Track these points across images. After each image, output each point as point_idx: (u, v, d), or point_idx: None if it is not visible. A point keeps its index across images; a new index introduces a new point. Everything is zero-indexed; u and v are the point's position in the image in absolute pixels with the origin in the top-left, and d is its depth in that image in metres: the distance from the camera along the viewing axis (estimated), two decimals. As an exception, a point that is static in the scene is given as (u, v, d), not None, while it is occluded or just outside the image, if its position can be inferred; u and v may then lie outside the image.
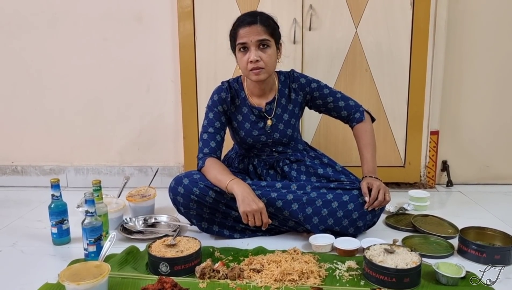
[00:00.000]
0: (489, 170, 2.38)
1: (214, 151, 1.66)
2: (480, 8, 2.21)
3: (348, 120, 1.80)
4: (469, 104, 2.32)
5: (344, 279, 1.34)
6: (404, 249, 1.38)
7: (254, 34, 1.58)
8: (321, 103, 1.78)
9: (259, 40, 1.59)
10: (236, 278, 1.33)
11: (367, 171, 1.69)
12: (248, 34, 1.59)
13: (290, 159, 1.78)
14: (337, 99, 1.77)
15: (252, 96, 1.75)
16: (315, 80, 1.78)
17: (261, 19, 1.61)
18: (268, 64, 1.62)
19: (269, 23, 1.62)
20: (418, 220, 1.79)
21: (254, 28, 1.59)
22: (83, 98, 2.38)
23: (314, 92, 1.76)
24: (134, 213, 1.89)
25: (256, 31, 1.58)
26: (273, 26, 1.64)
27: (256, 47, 1.59)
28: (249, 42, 1.59)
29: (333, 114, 1.80)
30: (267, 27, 1.61)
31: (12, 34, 2.33)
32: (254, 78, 1.63)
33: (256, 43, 1.59)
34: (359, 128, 1.77)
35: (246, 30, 1.59)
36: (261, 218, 1.50)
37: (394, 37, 2.14)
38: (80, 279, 1.20)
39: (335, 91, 1.79)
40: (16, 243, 1.68)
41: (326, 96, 1.77)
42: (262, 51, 1.60)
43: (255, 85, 1.71)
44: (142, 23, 2.28)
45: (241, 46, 1.61)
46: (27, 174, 2.47)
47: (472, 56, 2.26)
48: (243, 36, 1.60)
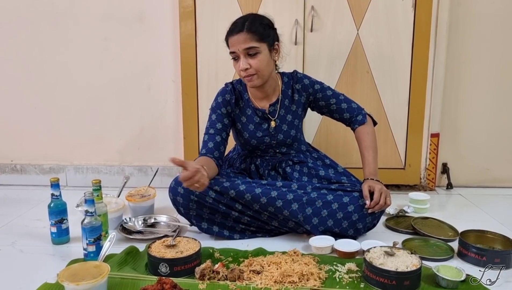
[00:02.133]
0: (489, 173, 2.38)
1: (211, 152, 1.65)
2: (481, 11, 2.20)
3: (350, 122, 1.80)
4: (469, 107, 2.32)
5: (344, 281, 1.34)
6: (404, 252, 1.38)
7: (241, 43, 1.58)
8: (324, 104, 1.78)
9: (246, 48, 1.58)
10: (236, 279, 1.33)
11: (368, 173, 1.69)
12: (236, 43, 1.59)
13: (293, 160, 1.78)
14: (340, 101, 1.77)
15: (256, 98, 1.75)
16: (318, 81, 1.78)
17: (249, 26, 1.58)
18: (260, 70, 1.61)
19: (257, 28, 1.59)
20: (418, 223, 1.79)
21: (241, 36, 1.58)
22: (84, 97, 2.37)
23: (318, 93, 1.76)
24: (133, 213, 1.88)
25: (243, 39, 1.58)
26: (262, 30, 1.61)
27: (245, 55, 1.59)
28: (237, 51, 1.60)
29: (335, 116, 1.80)
30: (254, 33, 1.58)
31: (13, 33, 2.32)
32: (249, 84, 1.66)
33: (243, 51, 1.59)
34: (361, 130, 1.77)
35: (234, 39, 1.60)
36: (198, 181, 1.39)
37: (395, 39, 2.14)
38: (79, 279, 1.19)
39: (338, 93, 1.79)
40: (15, 242, 1.67)
41: (329, 97, 1.77)
42: (251, 58, 1.60)
43: (256, 89, 1.71)
44: (144, 22, 2.27)
45: (232, 55, 1.62)
46: (26, 172, 2.46)
47: (473, 59, 2.26)
48: (232, 45, 1.61)
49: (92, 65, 2.33)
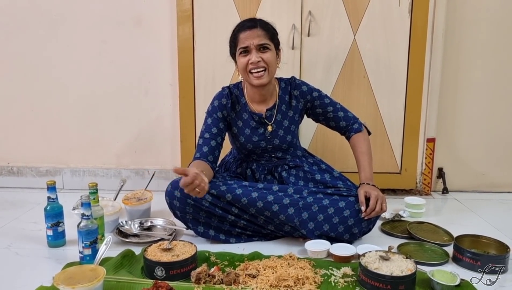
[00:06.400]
0: (485, 178, 2.39)
1: (205, 156, 1.65)
2: (477, 17, 2.22)
3: (346, 130, 1.81)
4: (465, 112, 2.33)
5: (339, 286, 1.34)
6: (399, 256, 1.39)
7: (255, 38, 1.61)
8: (321, 112, 1.79)
9: (260, 44, 1.61)
10: (231, 283, 1.33)
11: (364, 178, 1.70)
12: (249, 38, 1.61)
13: (289, 165, 1.79)
14: (337, 109, 1.79)
15: (253, 102, 1.75)
16: (316, 89, 1.80)
17: (261, 24, 1.64)
18: (270, 65, 1.64)
19: (268, 28, 1.65)
20: (413, 227, 1.80)
21: (255, 31, 1.61)
22: (81, 100, 2.38)
23: (315, 100, 1.78)
24: (130, 216, 1.88)
25: (257, 34, 1.61)
26: (272, 31, 1.67)
27: (257, 50, 1.61)
28: (250, 45, 1.61)
29: (331, 123, 1.81)
30: (267, 31, 1.64)
31: (11, 36, 2.32)
32: (255, 82, 1.64)
33: (257, 46, 1.61)
34: (357, 137, 1.78)
35: (246, 34, 1.61)
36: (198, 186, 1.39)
37: (392, 45, 2.15)
38: (75, 283, 1.19)
39: (335, 102, 1.81)
40: (11, 245, 1.67)
41: (326, 105, 1.78)
42: (262, 53, 1.62)
43: (256, 91, 1.72)
44: (141, 26, 2.28)
45: (243, 49, 1.63)
46: (23, 175, 2.46)
47: (469, 64, 2.28)
48: (244, 40, 1.62)
49: (90, 68, 2.34)
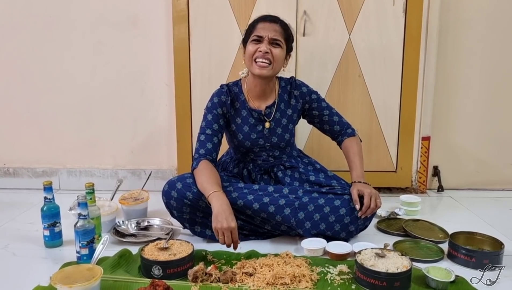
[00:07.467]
0: (479, 176, 2.41)
1: (210, 153, 1.66)
2: (471, 16, 2.24)
3: (339, 134, 1.83)
4: (460, 111, 2.35)
5: (335, 283, 1.35)
6: (395, 254, 1.40)
7: (271, 31, 1.64)
8: (317, 114, 1.81)
9: (274, 38, 1.63)
10: (228, 281, 1.34)
11: (356, 176, 1.72)
12: (266, 29, 1.64)
13: (285, 165, 1.80)
14: (333, 113, 1.82)
15: (253, 98, 1.76)
16: (315, 91, 1.83)
17: (282, 23, 1.68)
18: (276, 61, 1.65)
19: (287, 29, 1.69)
20: (409, 225, 1.81)
21: (274, 26, 1.65)
22: (77, 100, 2.37)
23: (313, 102, 1.80)
24: (127, 216, 1.89)
25: (274, 29, 1.64)
26: (290, 34, 1.70)
27: (269, 43, 1.63)
28: (265, 36, 1.63)
29: (325, 126, 1.84)
30: (285, 31, 1.67)
31: (6, 37, 2.32)
32: (257, 71, 1.65)
33: (270, 39, 1.63)
34: (351, 141, 1.81)
35: (265, 25, 1.65)
36: (231, 237, 1.44)
37: (386, 44, 2.16)
38: (72, 282, 1.20)
39: (331, 107, 1.84)
40: (7, 245, 1.67)
41: (323, 108, 1.81)
42: (273, 48, 1.64)
43: (256, 84, 1.72)
44: (137, 26, 2.28)
45: (256, 37, 1.64)
46: (19, 176, 2.45)
47: (463, 63, 2.29)
48: (260, 30, 1.65)
49: (86, 68, 2.33)
